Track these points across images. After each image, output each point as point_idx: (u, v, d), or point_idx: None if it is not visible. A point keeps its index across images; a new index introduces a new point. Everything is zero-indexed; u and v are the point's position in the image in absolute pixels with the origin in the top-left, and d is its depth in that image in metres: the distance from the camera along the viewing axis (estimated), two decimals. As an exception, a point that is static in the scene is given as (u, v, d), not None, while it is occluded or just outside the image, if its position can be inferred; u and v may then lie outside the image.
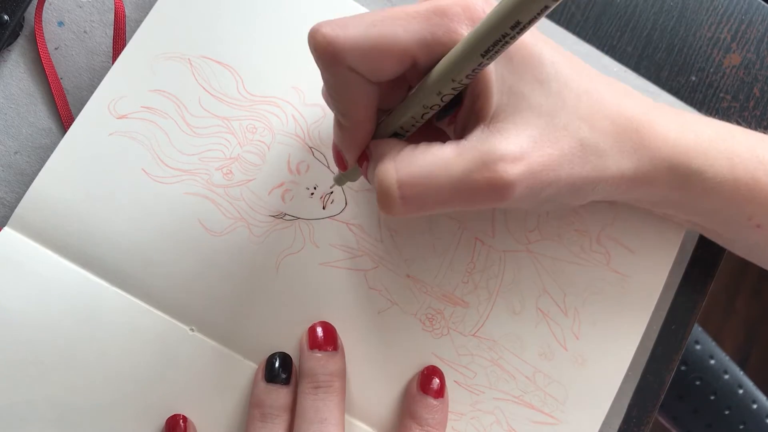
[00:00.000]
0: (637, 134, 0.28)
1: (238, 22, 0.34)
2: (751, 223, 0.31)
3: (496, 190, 0.25)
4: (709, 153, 0.29)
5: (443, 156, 0.26)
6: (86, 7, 0.35)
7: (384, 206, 0.26)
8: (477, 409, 0.34)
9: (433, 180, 0.25)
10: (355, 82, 0.26)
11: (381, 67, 0.26)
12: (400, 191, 0.26)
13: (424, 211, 0.26)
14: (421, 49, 0.25)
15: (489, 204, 0.26)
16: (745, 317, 1.19)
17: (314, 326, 0.33)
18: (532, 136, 0.26)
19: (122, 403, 0.32)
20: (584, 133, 0.27)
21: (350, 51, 0.25)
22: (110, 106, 0.33)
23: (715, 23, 0.37)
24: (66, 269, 0.32)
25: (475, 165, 0.25)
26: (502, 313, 0.34)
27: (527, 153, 0.26)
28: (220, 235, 0.33)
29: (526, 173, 0.26)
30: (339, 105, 0.27)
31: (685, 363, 0.67)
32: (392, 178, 0.26)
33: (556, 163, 0.26)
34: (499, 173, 0.25)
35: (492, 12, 0.22)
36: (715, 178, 0.30)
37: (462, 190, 0.25)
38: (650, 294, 0.35)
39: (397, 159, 0.26)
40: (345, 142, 0.28)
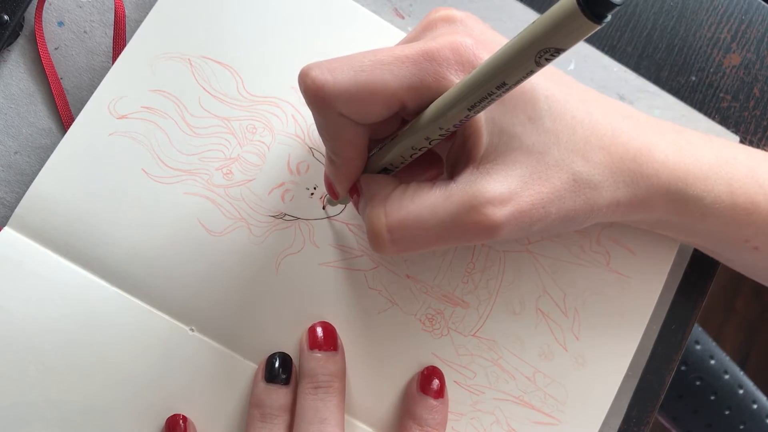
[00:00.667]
0: (635, 163, 0.28)
1: (238, 22, 0.34)
2: (749, 245, 0.31)
3: (483, 231, 0.26)
4: (708, 179, 0.29)
5: (432, 200, 0.26)
6: (86, 7, 0.35)
7: (375, 247, 0.27)
8: (477, 409, 0.34)
9: (421, 223, 0.26)
10: (344, 125, 0.26)
11: (369, 112, 0.26)
12: (389, 235, 0.26)
13: (413, 251, 0.27)
14: (409, 94, 0.25)
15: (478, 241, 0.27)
16: (745, 317, 1.19)
17: (314, 326, 0.33)
18: (521, 175, 0.26)
19: (122, 403, 0.32)
20: (578, 166, 0.27)
21: (338, 97, 0.25)
22: (110, 106, 0.33)
23: (715, 23, 0.37)
24: (66, 269, 0.32)
25: (463, 208, 0.26)
26: (502, 313, 0.34)
27: (516, 194, 0.26)
28: (220, 235, 0.33)
29: (515, 213, 0.26)
30: (329, 144, 0.28)
31: (685, 363, 0.67)
32: (382, 222, 0.27)
33: (546, 200, 0.27)
34: (487, 216, 0.25)
35: (479, 70, 0.23)
36: (714, 204, 0.29)
37: (451, 232, 0.26)
38: (650, 294, 0.35)
39: (386, 203, 0.27)
40: (336, 176, 0.29)
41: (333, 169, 0.29)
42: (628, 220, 0.31)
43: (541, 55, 0.20)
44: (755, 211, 0.30)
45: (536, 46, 0.20)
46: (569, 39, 0.19)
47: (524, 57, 0.21)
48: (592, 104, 0.29)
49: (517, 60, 0.21)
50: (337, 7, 0.35)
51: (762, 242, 0.31)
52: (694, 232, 0.32)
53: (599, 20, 0.18)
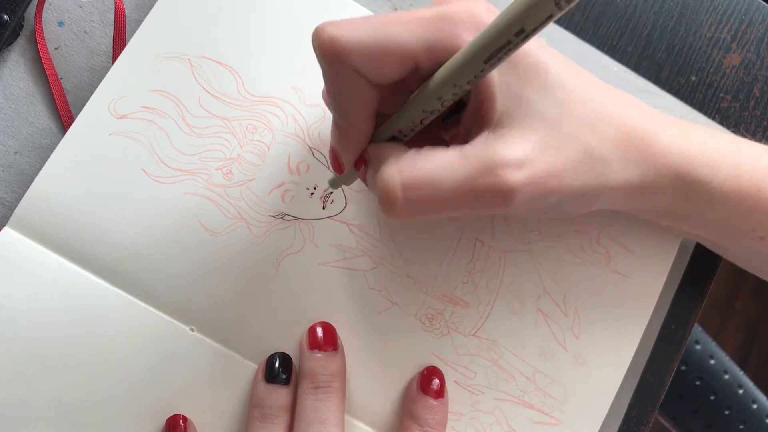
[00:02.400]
0: (642, 142, 0.28)
1: (238, 22, 0.34)
2: (755, 234, 0.31)
3: (499, 196, 0.25)
4: (714, 163, 0.29)
5: (447, 160, 0.26)
6: (86, 7, 0.35)
7: (387, 209, 0.26)
8: (477, 409, 0.34)
9: (436, 183, 0.25)
10: (356, 83, 0.26)
11: (383, 69, 0.26)
12: (403, 194, 0.25)
13: (427, 214, 0.26)
14: (424, 53, 0.25)
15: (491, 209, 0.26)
16: (745, 317, 1.19)
17: (314, 326, 0.33)
18: (536, 142, 0.26)
19: (122, 402, 0.32)
20: (589, 141, 0.27)
21: (354, 51, 0.25)
22: (110, 106, 0.33)
23: (715, 23, 0.37)
24: (66, 269, 0.32)
25: (478, 170, 0.25)
26: (502, 313, 0.34)
27: (531, 159, 0.26)
28: (220, 235, 0.33)
29: (530, 179, 0.25)
30: (339, 105, 0.27)
31: (685, 363, 0.67)
32: (396, 180, 0.26)
33: (560, 171, 0.26)
34: (503, 178, 0.25)
35: (496, 19, 0.22)
36: (721, 188, 0.30)
37: (465, 195, 0.25)
38: (650, 294, 0.35)
39: (400, 161, 0.26)
40: (342, 143, 0.28)
41: (339, 135, 0.28)
42: (637, 208, 0.31)
43: None
44: (761, 197, 0.30)
45: None
46: None
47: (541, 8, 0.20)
48: (601, 89, 0.29)
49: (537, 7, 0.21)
50: (337, 7, 0.35)
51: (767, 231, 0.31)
52: (700, 221, 0.32)
53: None
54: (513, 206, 0.26)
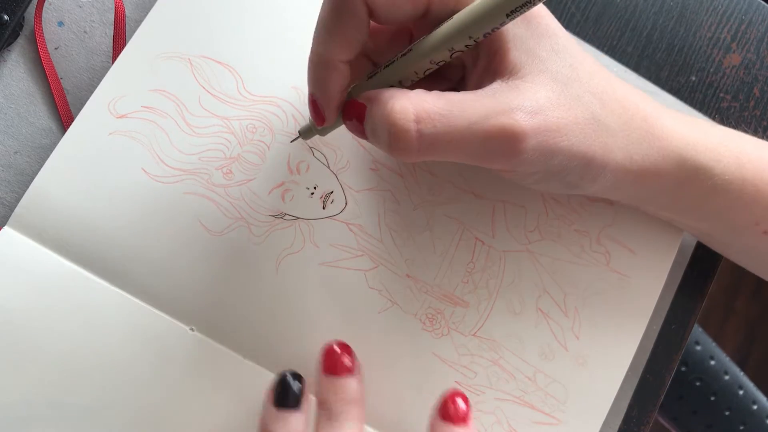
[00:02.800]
0: (646, 123, 0.28)
1: (239, 22, 0.34)
2: (758, 228, 0.31)
3: (510, 139, 0.25)
4: (717, 150, 0.29)
5: (461, 99, 0.25)
6: (86, 7, 0.35)
7: (398, 146, 0.25)
8: (478, 409, 0.34)
9: (451, 118, 0.25)
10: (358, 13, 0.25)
11: (397, 3, 0.25)
12: (417, 126, 0.25)
13: (438, 151, 0.25)
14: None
15: (500, 156, 0.26)
16: (745, 317, 1.19)
17: (329, 347, 0.31)
18: (548, 97, 0.26)
19: (122, 402, 0.32)
20: (596, 108, 0.27)
21: None
22: (110, 105, 0.33)
23: (715, 23, 0.37)
24: (66, 269, 0.32)
25: (492, 110, 0.25)
26: (502, 313, 0.34)
27: (543, 109, 0.26)
28: (220, 235, 0.33)
29: (541, 128, 0.25)
30: (329, 36, 0.26)
31: (685, 363, 0.67)
32: (409, 112, 0.25)
33: (570, 129, 0.26)
34: (516, 120, 0.25)
35: None
36: (723, 176, 0.29)
37: (477, 133, 0.25)
38: (650, 294, 0.35)
39: (411, 96, 0.25)
40: (324, 84, 0.27)
41: (323, 74, 0.27)
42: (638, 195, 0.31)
43: None
44: (764, 188, 0.30)
45: None
46: None
47: None
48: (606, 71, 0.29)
49: None
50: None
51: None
52: (702, 212, 0.31)
53: None
54: (521, 155, 0.25)
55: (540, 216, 0.35)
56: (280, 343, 0.33)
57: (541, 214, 0.35)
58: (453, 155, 0.26)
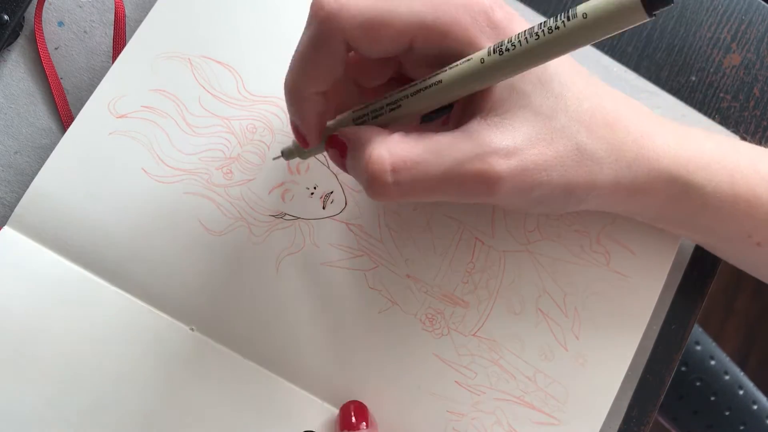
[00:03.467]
0: (636, 144, 0.28)
1: (238, 22, 0.34)
2: (751, 241, 0.31)
3: (485, 182, 0.25)
4: (710, 167, 0.29)
5: (437, 144, 0.26)
6: (86, 7, 0.35)
7: (375, 191, 0.26)
8: (478, 409, 0.34)
9: (426, 166, 0.25)
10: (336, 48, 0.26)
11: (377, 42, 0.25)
12: (393, 175, 0.25)
13: (414, 196, 0.26)
14: (421, 32, 0.25)
15: (478, 197, 0.26)
16: (745, 317, 1.19)
17: (347, 406, 0.32)
18: (528, 133, 0.26)
19: (122, 402, 0.32)
20: (582, 137, 0.27)
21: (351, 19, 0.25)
22: (110, 105, 0.33)
23: (715, 23, 0.37)
24: (66, 269, 0.32)
25: (467, 155, 0.25)
26: (502, 313, 0.34)
27: (521, 149, 0.26)
28: (220, 235, 0.33)
29: (518, 169, 0.25)
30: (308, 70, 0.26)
31: (685, 363, 0.67)
32: (385, 161, 0.25)
33: (550, 164, 0.26)
34: (491, 165, 0.25)
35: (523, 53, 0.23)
36: (715, 193, 0.29)
37: (453, 179, 0.25)
38: (650, 294, 0.35)
39: (388, 142, 0.26)
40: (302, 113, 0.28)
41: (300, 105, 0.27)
42: (628, 210, 0.31)
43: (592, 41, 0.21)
44: (757, 203, 0.30)
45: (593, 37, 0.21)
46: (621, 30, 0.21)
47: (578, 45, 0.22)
48: (598, 87, 0.29)
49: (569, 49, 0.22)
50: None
51: (764, 237, 0.31)
52: (694, 225, 0.32)
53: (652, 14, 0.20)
54: (498, 195, 0.26)
55: (540, 216, 0.35)
56: (280, 342, 0.33)
57: (542, 214, 0.35)
58: (430, 198, 0.26)
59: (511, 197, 0.26)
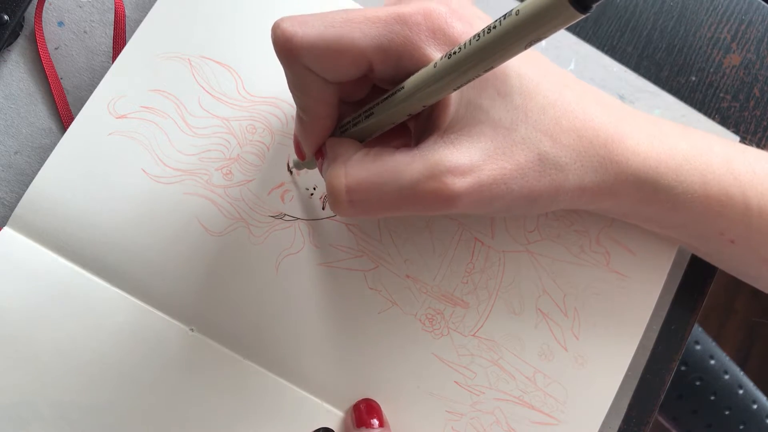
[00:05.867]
0: (605, 149, 0.28)
1: (238, 22, 0.34)
2: (724, 238, 0.31)
3: (441, 201, 0.25)
4: (681, 168, 0.29)
5: (393, 165, 0.26)
6: (86, 7, 0.35)
7: (333, 208, 0.27)
8: (477, 409, 0.34)
9: (380, 187, 0.26)
10: (311, 80, 0.26)
11: (336, 69, 0.26)
12: (348, 196, 0.26)
13: (372, 215, 0.27)
14: (377, 55, 0.25)
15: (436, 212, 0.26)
16: (745, 317, 1.19)
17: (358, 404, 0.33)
18: (485, 149, 0.26)
19: (122, 402, 0.32)
20: (545, 146, 0.27)
21: (306, 50, 0.25)
22: (110, 105, 0.33)
23: (715, 23, 0.37)
24: (66, 269, 0.32)
25: (422, 175, 0.25)
26: (501, 313, 0.34)
27: (477, 166, 0.26)
28: (219, 236, 0.33)
29: (474, 185, 0.26)
30: (299, 100, 0.28)
31: (685, 363, 0.67)
32: (341, 183, 0.26)
33: (509, 177, 0.26)
34: (446, 185, 0.25)
35: (466, 55, 0.23)
36: (686, 194, 0.29)
37: (409, 198, 0.26)
38: (649, 294, 0.35)
39: (348, 164, 0.27)
40: (304, 134, 0.29)
41: (301, 127, 0.29)
42: (596, 208, 0.31)
43: (531, 42, 0.21)
44: (729, 203, 0.30)
45: (527, 35, 0.21)
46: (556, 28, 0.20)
47: (515, 45, 0.21)
48: (567, 88, 0.28)
49: (508, 49, 0.22)
50: (336, 8, 0.35)
51: (737, 235, 0.31)
52: (665, 223, 0.32)
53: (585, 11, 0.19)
54: (458, 209, 0.26)
55: (540, 216, 0.35)
56: (280, 343, 0.33)
57: (540, 214, 0.35)
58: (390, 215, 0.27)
59: (471, 210, 0.27)
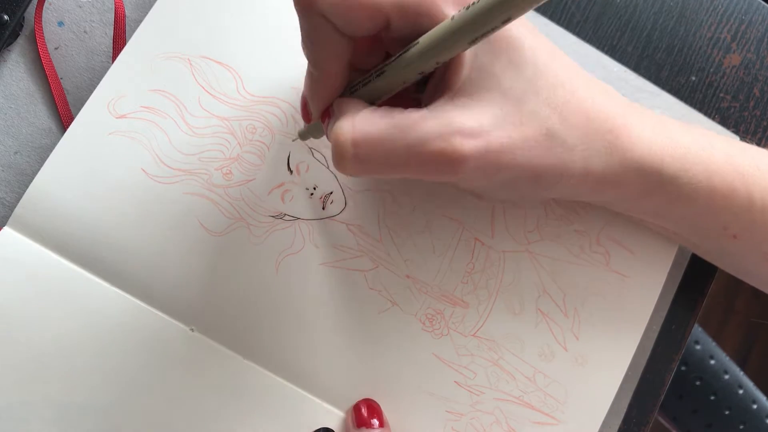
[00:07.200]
0: (611, 134, 0.28)
1: (239, 22, 0.34)
2: (727, 233, 0.31)
3: (448, 162, 0.25)
4: (685, 159, 0.29)
5: (402, 121, 0.26)
6: (86, 7, 0.35)
7: (338, 163, 0.26)
8: (477, 409, 0.34)
9: (388, 143, 0.25)
10: (327, 32, 0.26)
11: (354, 20, 0.25)
12: (354, 149, 0.25)
13: (376, 172, 0.26)
14: (395, 11, 0.25)
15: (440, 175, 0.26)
16: (745, 317, 1.19)
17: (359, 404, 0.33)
18: (494, 115, 0.26)
19: (121, 402, 0.32)
20: (553, 122, 0.27)
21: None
22: (110, 105, 0.33)
23: (715, 23, 0.37)
24: (66, 269, 0.32)
25: (431, 134, 0.25)
26: (501, 313, 0.34)
27: (486, 131, 0.25)
28: (219, 235, 0.33)
29: (481, 150, 0.25)
30: (311, 54, 0.27)
31: (685, 363, 0.67)
32: (348, 135, 0.25)
33: (516, 147, 0.26)
34: (454, 145, 0.25)
35: (483, 4, 0.23)
36: (690, 185, 0.29)
37: (415, 158, 0.25)
38: (649, 294, 0.35)
39: (356, 117, 0.26)
40: (312, 92, 0.28)
41: (311, 84, 0.28)
42: (600, 199, 0.31)
43: None
44: (732, 196, 0.30)
45: None
46: None
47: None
48: (576, 74, 0.29)
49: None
50: None
51: (740, 230, 0.30)
52: (670, 217, 0.31)
53: None
54: (462, 175, 0.26)
55: (539, 216, 0.35)
56: (280, 343, 0.33)
57: (540, 214, 0.35)
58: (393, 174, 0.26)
59: (474, 178, 0.26)
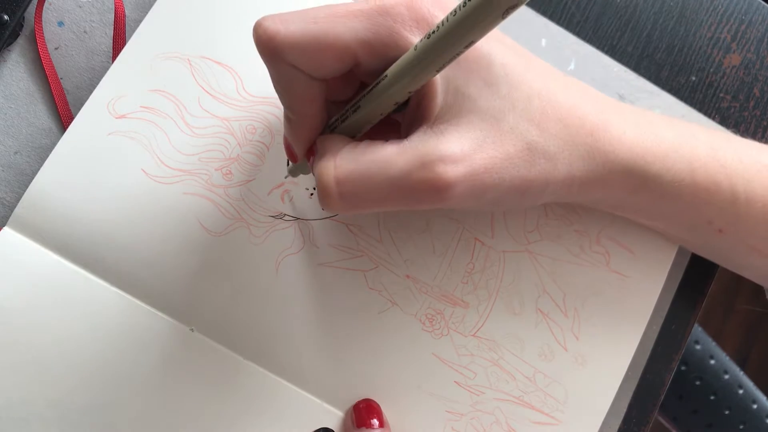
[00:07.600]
0: (591, 137, 0.28)
1: (238, 22, 0.34)
2: (713, 227, 0.31)
3: (434, 190, 0.25)
4: (668, 157, 0.29)
5: (383, 155, 0.26)
6: (86, 7, 0.35)
7: (323, 202, 0.26)
8: (477, 409, 0.34)
9: (371, 179, 0.25)
10: (297, 78, 0.26)
11: (322, 65, 0.25)
12: (338, 188, 0.26)
13: (363, 209, 0.26)
14: (363, 49, 0.25)
15: (429, 204, 0.26)
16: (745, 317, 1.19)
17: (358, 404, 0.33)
18: (475, 138, 0.26)
19: (121, 403, 0.32)
20: (533, 135, 0.27)
21: (290, 47, 0.25)
22: (109, 105, 0.33)
23: (715, 23, 0.37)
24: (66, 269, 0.32)
25: (414, 165, 0.25)
26: (501, 313, 0.34)
27: (468, 155, 0.25)
28: (219, 236, 0.33)
29: (467, 175, 0.25)
30: (285, 100, 0.27)
31: (685, 363, 0.67)
32: (331, 175, 0.26)
33: (500, 166, 0.26)
34: (438, 174, 0.25)
35: (445, 32, 0.22)
36: (674, 182, 0.29)
37: (400, 190, 0.25)
38: (650, 294, 0.35)
39: (337, 156, 0.26)
40: (293, 135, 0.28)
41: (290, 127, 0.28)
42: (588, 199, 0.31)
43: (507, 11, 0.21)
44: (716, 190, 0.30)
45: (503, 3, 0.20)
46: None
47: (493, 14, 0.21)
48: (551, 78, 0.28)
49: (485, 20, 0.21)
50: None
51: (725, 223, 0.30)
52: (657, 214, 0.31)
53: None
54: (450, 201, 0.26)
55: (539, 216, 0.35)
56: (280, 343, 0.33)
57: (540, 214, 0.35)
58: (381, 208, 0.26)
59: (462, 201, 0.26)
